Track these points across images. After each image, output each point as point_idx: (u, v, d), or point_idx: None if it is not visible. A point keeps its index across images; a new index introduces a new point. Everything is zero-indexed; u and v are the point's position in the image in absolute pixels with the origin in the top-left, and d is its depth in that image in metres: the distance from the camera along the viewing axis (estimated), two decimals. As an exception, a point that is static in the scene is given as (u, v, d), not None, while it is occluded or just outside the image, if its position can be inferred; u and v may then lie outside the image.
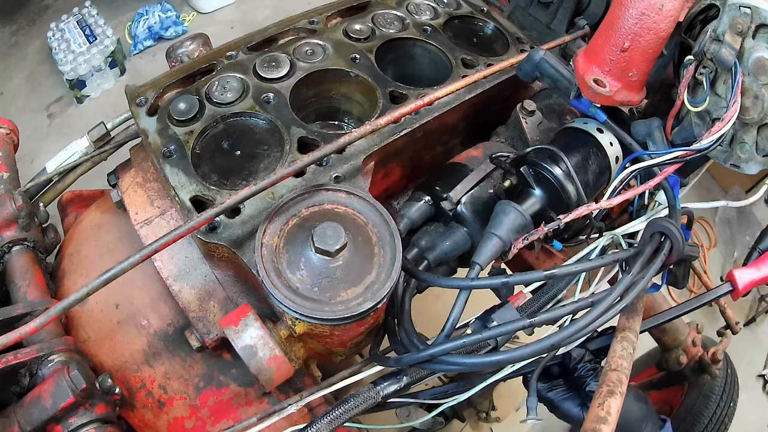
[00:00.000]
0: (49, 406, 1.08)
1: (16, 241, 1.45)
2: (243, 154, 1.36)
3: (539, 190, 1.38)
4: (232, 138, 1.38)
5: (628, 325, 1.27)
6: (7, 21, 4.05)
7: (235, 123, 1.41)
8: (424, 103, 1.33)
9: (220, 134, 1.39)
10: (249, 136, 1.40)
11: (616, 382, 1.14)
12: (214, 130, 1.39)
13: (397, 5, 1.77)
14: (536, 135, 1.55)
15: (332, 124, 1.64)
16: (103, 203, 1.59)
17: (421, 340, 1.19)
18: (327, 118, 1.64)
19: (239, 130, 1.41)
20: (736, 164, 1.31)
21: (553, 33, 1.80)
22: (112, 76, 3.76)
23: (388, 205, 1.60)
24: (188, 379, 1.34)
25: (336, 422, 1.14)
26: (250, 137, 1.39)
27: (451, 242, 1.37)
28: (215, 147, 1.37)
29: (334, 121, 1.65)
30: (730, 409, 2.30)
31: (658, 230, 1.18)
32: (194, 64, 1.54)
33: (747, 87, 1.19)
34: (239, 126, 1.41)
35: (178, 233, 1.08)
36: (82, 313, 1.40)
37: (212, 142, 1.38)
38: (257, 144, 1.38)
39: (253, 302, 1.29)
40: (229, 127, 1.40)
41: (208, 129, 1.38)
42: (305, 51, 1.56)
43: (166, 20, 4.02)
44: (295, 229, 1.14)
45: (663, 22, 1.18)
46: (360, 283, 1.09)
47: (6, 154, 1.65)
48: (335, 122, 1.65)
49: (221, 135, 1.39)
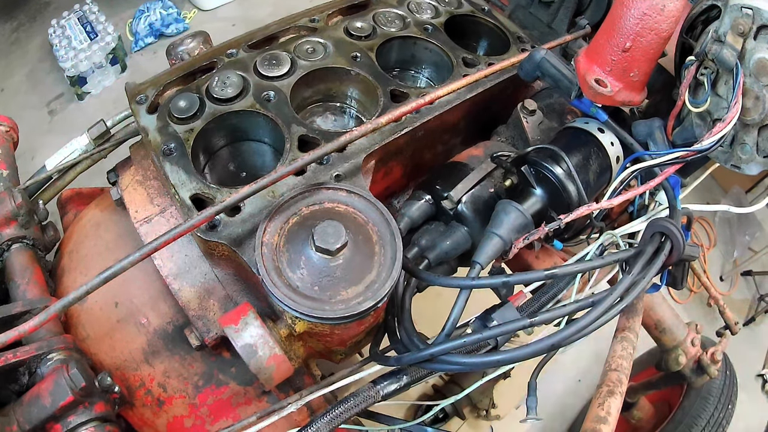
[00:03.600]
0: (48, 405, 1.07)
1: (15, 238, 1.45)
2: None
3: (540, 190, 1.38)
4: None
5: (628, 325, 1.28)
6: (7, 18, 4.05)
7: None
8: (425, 101, 1.33)
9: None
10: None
11: (616, 382, 1.14)
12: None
13: (398, 3, 1.77)
14: (537, 134, 1.55)
15: (335, 106, 1.64)
16: (102, 201, 1.58)
17: (421, 340, 1.19)
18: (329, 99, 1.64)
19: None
20: (736, 165, 1.31)
21: (554, 32, 1.80)
22: (113, 73, 3.76)
23: (388, 204, 1.60)
24: (188, 377, 1.34)
25: (335, 421, 1.14)
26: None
27: (452, 241, 1.37)
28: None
29: (336, 103, 1.64)
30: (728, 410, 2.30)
31: (658, 230, 1.18)
32: (195, 62, 1.54)
33: (748, 88, 1.19)
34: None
35: (178, 231, 1.08)
36: (81, 312, 1.39)
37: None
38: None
39: (253, 301, 1.29)
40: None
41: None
42: (306, 49, 1.56)
43: (167, 17, 4.02)
44: (296, 228, 1.13)
45: (665, 22, 1.18)
46: (360, 282, 1.09)
47: (6, 152, 1.64)
48: (337, 104, 1.64)
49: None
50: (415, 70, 1.76)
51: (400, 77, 1.73)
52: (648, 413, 2.48)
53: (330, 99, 1.62)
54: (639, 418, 2.45)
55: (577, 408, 2.94)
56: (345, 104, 1.63)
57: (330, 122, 1.63)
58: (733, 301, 3.59)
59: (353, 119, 1.63)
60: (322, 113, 1.63)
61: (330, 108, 1.63)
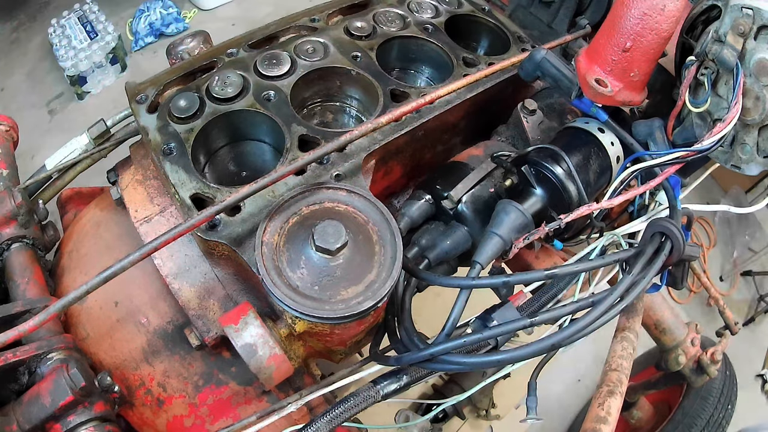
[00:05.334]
0: (48, 404, 1.07)
1: (15, 238, 1.44)
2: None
3: (540, 190, 1.38)
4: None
5: (628, 325, 1.28)
6: (7, 17, 4.04)
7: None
8: (425, 101, 1.33)
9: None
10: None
11: (616, 382, 1.15)
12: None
13: (398, 3, 1.76)
14: (537, 134, 1.55)
15: (335, 105, 1.64)
16: (102, 200, 1.58)
17: (421, 339, 1.19)
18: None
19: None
20: (736, 165, 1.31)
21: (554, 32, 1.80)
22: (113, 73, 3.75)
23: (388, 204, 1.60)
24: (187, 377, 1.34)
25: (335, 421, 1.14)
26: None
27: (452, 241, 1.37)
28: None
29: (336, 102, 1.64)
30: (728, 410, 2.30)
31: (658, 230, 1.18)
32: (195, 62, 1.53)
33: (748, 88, 1.18)
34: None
35: (178, 231, 1.08)
36: (81, 311, 1.39)
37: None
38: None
39: (253, 300, 1.29)
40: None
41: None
42: (306, 49, 1.56)
43: (168, 17, 4.01)
44: (296, 228, 1.13)
45: (665, 22, 1.18)
46: (360, 282, 1.09)
47: (5, 151, 1.64)
48: (337, 103, 1.64)
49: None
50: (415, 69, 1.76)
51: (400, 77, 1.73)
52: (648, 413, 2.48)
53: (330, 99, 1.62)
54: (639, 418, 2.45)
55: (577, 408, 2.94)
56: (345, 104, 1.63)
57: (330, 122, 1.63)
58: (732, 301, 3.59)
59: (353, 119, 1.63)
60: (322, 113, 1.63)
61: (330, 108, 1.62)
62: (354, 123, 1.62)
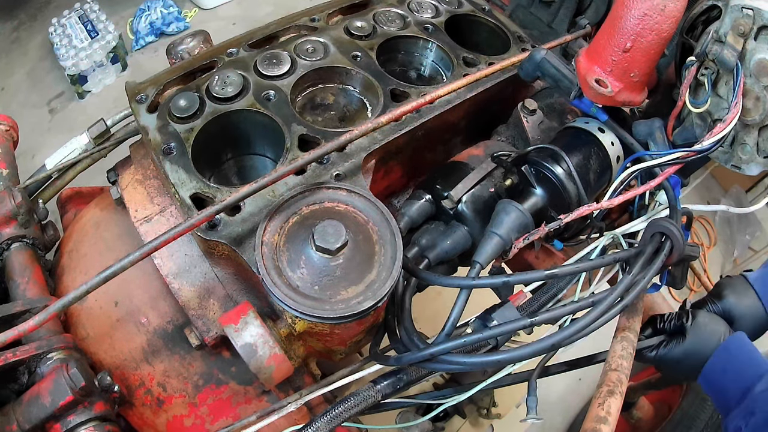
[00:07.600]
0: (47, 404, 1.07)
1: (15, 238, 1.44)
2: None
3: (540, 190, 1.38)
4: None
5: (628, 325, 1.27)
6: (8, 16, 4.04)
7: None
8: (425, 101, 1.33)
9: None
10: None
11: (616, 382, 1.14)
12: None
13: (398, 3, 1.76)
14: (537, 134, 1.55)
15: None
16: (102, 200, 1.58)
17: (421, 339, 1.19)
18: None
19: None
20: (737, 165, 1.31)
21: (554, 32, 1.80)
22: (114, 72, 3.75)
23: (388, 204, 1.60)
24: (187, 377, 1.34)
25: (335, 421, 1.14)
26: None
27: (452, 241, 1.37)
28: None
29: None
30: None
31: (658, 230, 1.18)
32: (195, 61, 1.53)
33: (748, 88, 1.19)
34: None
35: (178, 231, 1.08)
36: (81, 311, 1.40)
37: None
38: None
39: (253, 300, 1.29)
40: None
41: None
42: (306, 48, 1.56)
43: (168, 16, 4.01)
44: (296, 227, 1.13)
45: (665, 22, 1.18)
46: (360, 282, 1.09)
47: (5, 151, 1.64)
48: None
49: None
50: (415, 69, 1.76)
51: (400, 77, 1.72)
52: (648, 413, 2.48)
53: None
54: (639, 418, 2.45)
55: (577, 407, 2.93)
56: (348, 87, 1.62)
57: (332, 103, 1.61)
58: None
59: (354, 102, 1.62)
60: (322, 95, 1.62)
61: (331, 89, 1.61)
62: (356, 104, 1.60)
